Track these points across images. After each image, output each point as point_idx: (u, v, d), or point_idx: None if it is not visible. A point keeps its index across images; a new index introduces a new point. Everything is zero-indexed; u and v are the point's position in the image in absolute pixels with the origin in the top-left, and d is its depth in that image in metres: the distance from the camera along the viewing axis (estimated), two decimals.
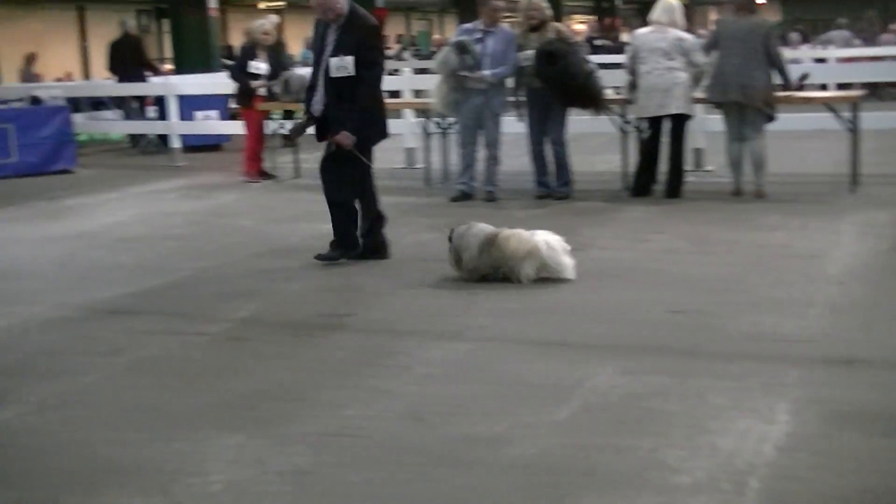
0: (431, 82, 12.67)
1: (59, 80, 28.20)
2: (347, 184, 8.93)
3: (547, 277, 8.00)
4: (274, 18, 15.17)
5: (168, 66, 31.45)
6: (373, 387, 5.77)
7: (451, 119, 12.77)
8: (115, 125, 20.39)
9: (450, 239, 8.18)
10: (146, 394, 5.84)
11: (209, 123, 18.36)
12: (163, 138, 18.66)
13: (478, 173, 12.01)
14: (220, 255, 9.52)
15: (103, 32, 34.01)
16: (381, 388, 5.73)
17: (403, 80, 16.31)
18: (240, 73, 14.44)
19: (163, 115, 18.49)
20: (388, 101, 10.32)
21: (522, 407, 5.37)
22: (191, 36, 24.48)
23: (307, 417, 5.34)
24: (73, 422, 5.45)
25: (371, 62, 8.77)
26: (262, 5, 35.39)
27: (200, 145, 18.52)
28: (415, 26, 48.93)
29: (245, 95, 14.42)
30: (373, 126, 8.90)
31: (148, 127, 19.48)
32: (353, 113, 8.70)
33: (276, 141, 14.50)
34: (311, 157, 15.90)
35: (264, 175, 14.42)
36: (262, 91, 14.20)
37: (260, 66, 14.17)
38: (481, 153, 11.93)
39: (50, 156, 16.32)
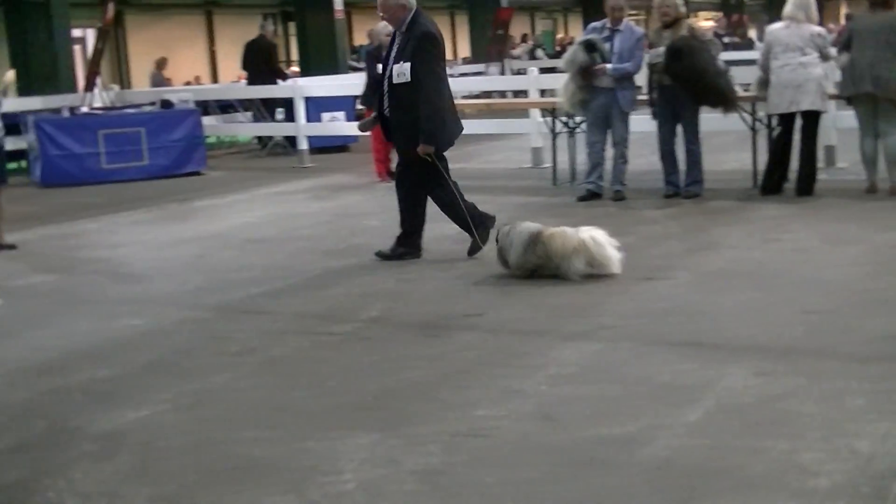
0: (558, 81, 12.62)
1: (187, 83, 28.74)
2: (418, 187, 9.22)
3: (596, 274, 8.07)
4: None
5: (294, 69, 31.89)
6: (503, 387, 5.75)
7: (579, 118, 12.69)
8: (243, 128, 20.70)
9: (497, 240, 8.34)
10: (278, 393, 5.90)
11: (336, 125, 18.52)
12: (290, 140, 18.89)
13: (606, 172, 11.91)
14: (348, 255, 9.58)
15: (231, 36, 34.58)
16: (511, 388, 5.71)
17: (530, 79, 16.25)
18: (367, 74, 14.51)
19: (289, 117, 18.72)
20: (514, 100, 10.32)
21: (655, 408, 5.31)
22: (317, 38, 24.72)
23: (438, 417, 5.34)
24: (208, 420, 5.54)
25: (424, 69, 8.86)
26: None
27: (327, 146, 18.70)
28: (539, 26, 48.80)
29: (372, 97, 14.49)
30: (438, 132, 8.97)
31: (275, 129, 19.72)
32: (423, 124, 8.84)
33: None
34: None
35: (392, 176, 14.43)
36: None
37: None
38: (609, 152, 11.83)
39: (180, 158, 16.62)
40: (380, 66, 14.05)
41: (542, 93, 15.73)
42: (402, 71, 8.87)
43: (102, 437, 5.35)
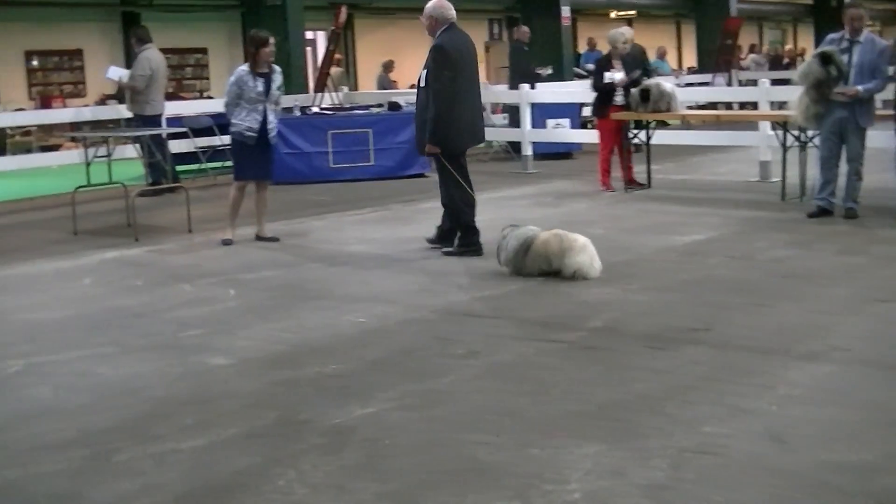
0: (790, 93, 12.31)
1: (412, 86, 29.09)
2: (444, 193, 10.24)
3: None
4: (628, 30, 15.04)
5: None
6: (731, 404, 5.63)
7: (811, 132, 12.34)
8: None
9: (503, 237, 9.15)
10: (503, 398, 5.91)
11: (560, 131, 18.51)
12: (513, 145, 18.96)
13: (838, 189, 11.55)
14: None
15: None
16: (739, 407, 5.59)
17: (760, 90, 15.91)
18: (596, 82, 14.46)
19: (513, 122, 18.76)
20: (744, 112, 10.17)
21: (892, 434, 5.11)
22: (543, 45, 24.75)
23: (665, 431, 5.27)
24: (433, 420, 5.59)
25: (432, 76, 9.92)
26: (613, 14, 35.38)
27: (550, 153, 18.71)
28: (767, 36, 47.79)
29: (600, 105, 14.44)
30: (442, 134, 9.89)
31: (500, 134, 19.83)
32: (427, 125, 9.92)
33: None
34: (663, 167, 15.85)
35: (634, 183, 14.32)
36: (618, 100, 14.16)
37: (615, 75, 14.13)
38: (843, 168, 11.47)
39: (405, 160, 16.83)
40: (608, 74, 14.15)
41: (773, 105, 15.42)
42: (421, 76, 10.04)
43: (331, 431, 5.46)
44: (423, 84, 10.04)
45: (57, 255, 10.97)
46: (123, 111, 17.02)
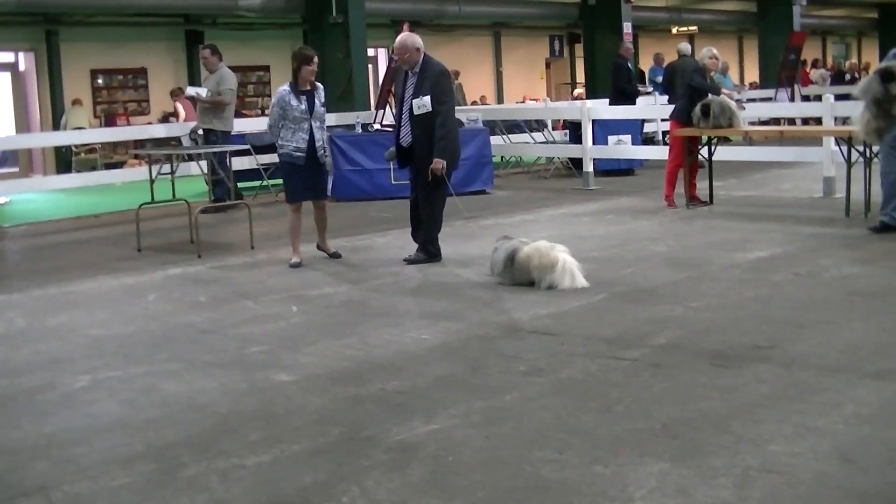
0: (854, 109, 12.20)
1: (474, 103, 29.19)
2: (427, 204, 10.85)
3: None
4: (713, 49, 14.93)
5: (578, 91, 31.99)
6: (798, 423, 5.57)
7: (876, 147, 12.22)
8: (528, 148, 20.78)
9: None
10: (567, 415, 5.89)
11: (622, 148, 18.46)
12: (573, 162, 18.92)
13: None
14: (633, 280, 9.51)
15: (517, 57, 35.03)
16: (807, 426, 5.53)
17: (825, 106, 15.77)
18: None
19: (573, 139, 18.73)
20: (808, 128, 10.14)
21: None
22: (604, 61, 24.71)
23: (730, 450, 5.22)
24: (497, 437, 5.57)
25: (443, 100, 10.58)
26: (674, 30, 35.25)
27: (612, 169, 18.66)
28: (831, 50, 47.41)
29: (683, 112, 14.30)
30: (452, 152, 10.73)
31: (561, 150, 19.79)
32: (437, 143, 10.52)
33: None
34: (725, 183, 15.75)
35: (697, 200, 14.21)
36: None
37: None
38: None
39: (468, 176, 16.79)
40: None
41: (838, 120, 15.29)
42: (422, 104, 10.53)
43: (395, 448, 5.46)
44: (428, 110, 10.55)
45: (121, 271, 11.08)
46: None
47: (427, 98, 10.51)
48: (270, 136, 11.41)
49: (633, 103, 19.32)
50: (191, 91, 16.56)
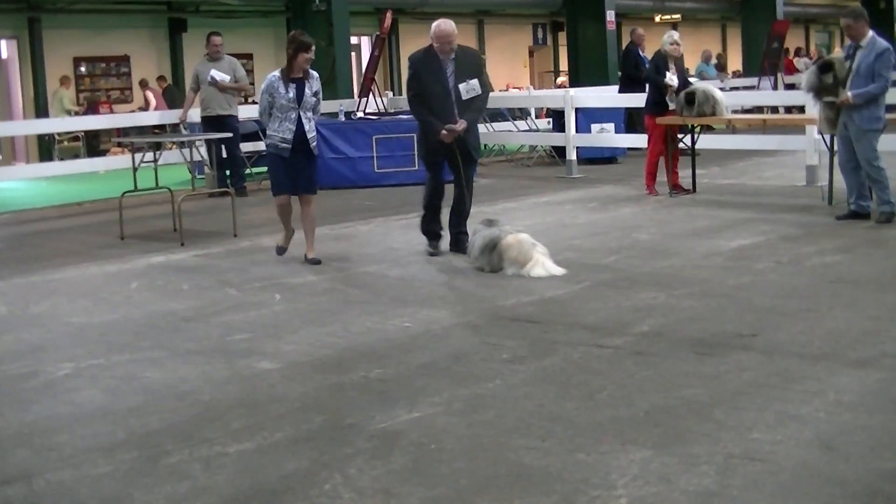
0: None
1: None
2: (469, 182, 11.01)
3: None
4: (676, 33, 14.98)
5: (561, 80, 31.95)
6: (780, 411, 5.59)
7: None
8: (511, 136, 20.77)
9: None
10: (549, 403, 5.89)
11: (605, 136, 18.46)
12: (557, 150, 18.92)
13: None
14: (616, 267, 9.53)
15: (500, 45, 34.96)
16: (788, 413, 5.55)
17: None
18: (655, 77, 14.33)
19: (556, 127, 18.70)
20: (790, 116, 10.23)
21: None
22: (588, 49, 24.72)
23: (712, 437, 5.24)
24: (480, 425, 5.58)
25: (487, 82, 10.82)
26: (657, 18, 35.26)
27: (594, 158, 18.66)
28: (814, 38, 47.47)
29: (655, 104, 14.30)
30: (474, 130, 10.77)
31: (544, 139, 19.78)
32: (473, 113, 10.51)
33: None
34: (708, 171, 15.78)
35: (680, 188, 14.21)
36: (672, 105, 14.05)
37: (674, 79, 14.03)
38: None
39: None
40: (668, 74, 14.00)
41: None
42: (471, 87, 10.40)
43: (377, 436, 5.46)
44: (477, 92, 10.43)
45: (104, 259, 11.05)
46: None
47: (475, 81, 10.45)
48: (262, 123, 10.84)
49: (643, 90, 19.28)
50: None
